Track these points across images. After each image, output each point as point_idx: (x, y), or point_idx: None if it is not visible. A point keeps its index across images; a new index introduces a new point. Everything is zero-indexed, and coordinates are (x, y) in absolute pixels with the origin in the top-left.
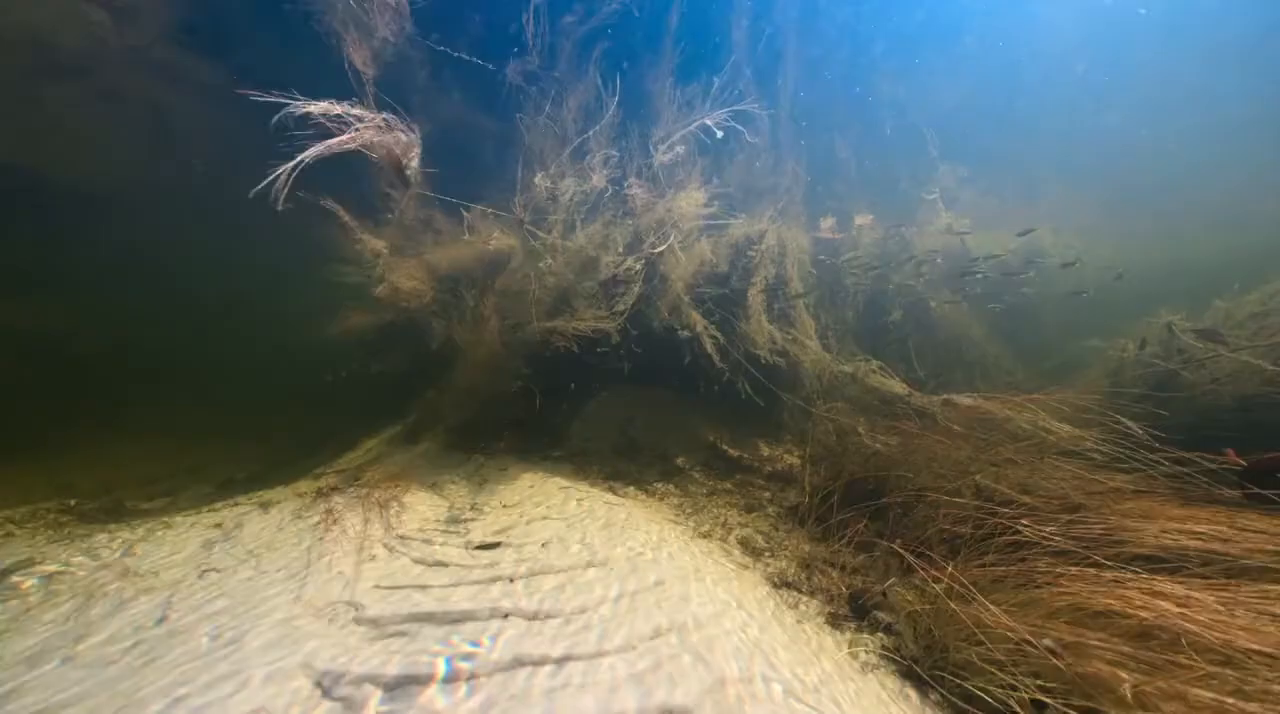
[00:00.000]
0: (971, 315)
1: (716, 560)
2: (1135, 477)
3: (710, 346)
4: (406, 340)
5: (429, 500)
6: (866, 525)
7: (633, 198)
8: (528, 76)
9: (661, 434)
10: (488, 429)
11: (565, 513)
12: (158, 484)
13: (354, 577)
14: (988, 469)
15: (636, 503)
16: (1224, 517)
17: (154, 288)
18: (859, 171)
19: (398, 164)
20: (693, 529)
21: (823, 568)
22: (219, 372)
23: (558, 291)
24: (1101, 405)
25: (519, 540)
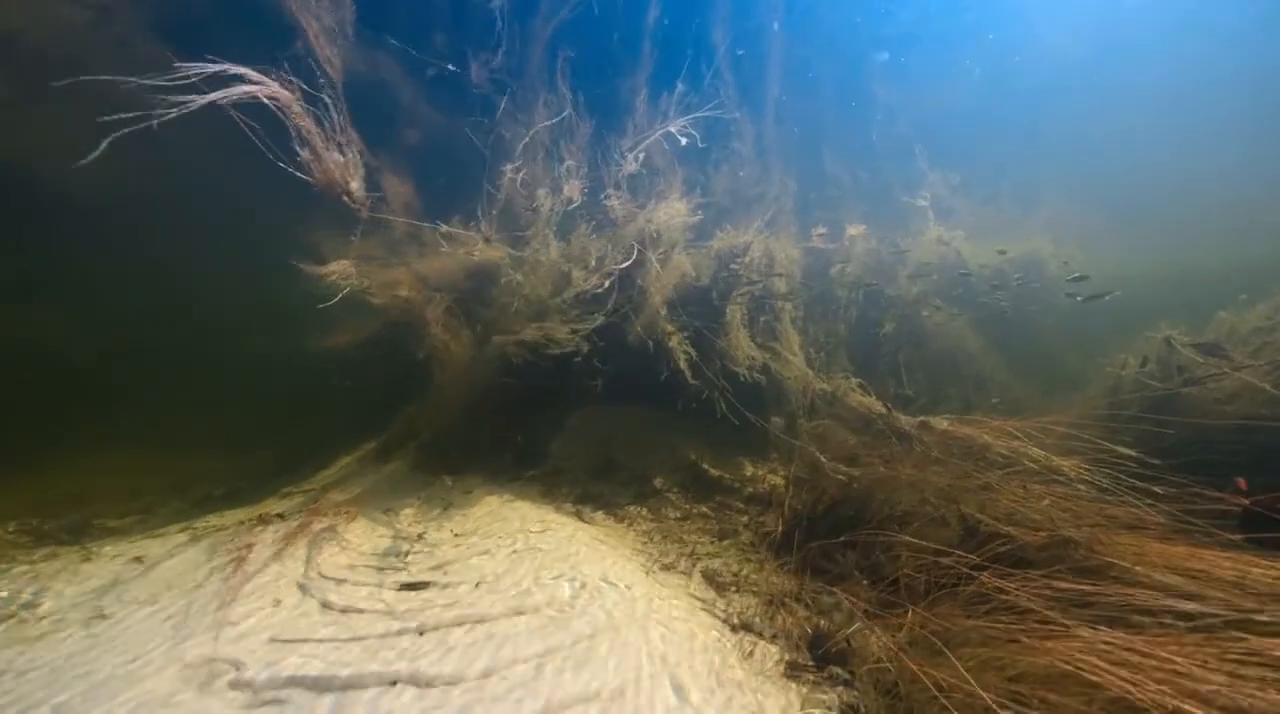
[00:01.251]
0: (967, 328)
1: (671, 601)
2: (1130, 508)
3: (684, 363)
4: (392, 353)
5: (374, 530)
6: (843, 555)
7: (611, 209)
8: (497, 84)
9: (642, 453)
10: (462, 447)
11: (515, 545)
12: (140, 499)
13: (249, 627)
14: (970, 497)
15: (602, 530)
16: (1227, 559)
17: (141, 296)
18: (852, 180)
19: (338, 187)
20: (656, 560)
21: (791, 605)
22: (210, 383)
23: (535, 306)
24: (1095, 428)
25: (453, 578)
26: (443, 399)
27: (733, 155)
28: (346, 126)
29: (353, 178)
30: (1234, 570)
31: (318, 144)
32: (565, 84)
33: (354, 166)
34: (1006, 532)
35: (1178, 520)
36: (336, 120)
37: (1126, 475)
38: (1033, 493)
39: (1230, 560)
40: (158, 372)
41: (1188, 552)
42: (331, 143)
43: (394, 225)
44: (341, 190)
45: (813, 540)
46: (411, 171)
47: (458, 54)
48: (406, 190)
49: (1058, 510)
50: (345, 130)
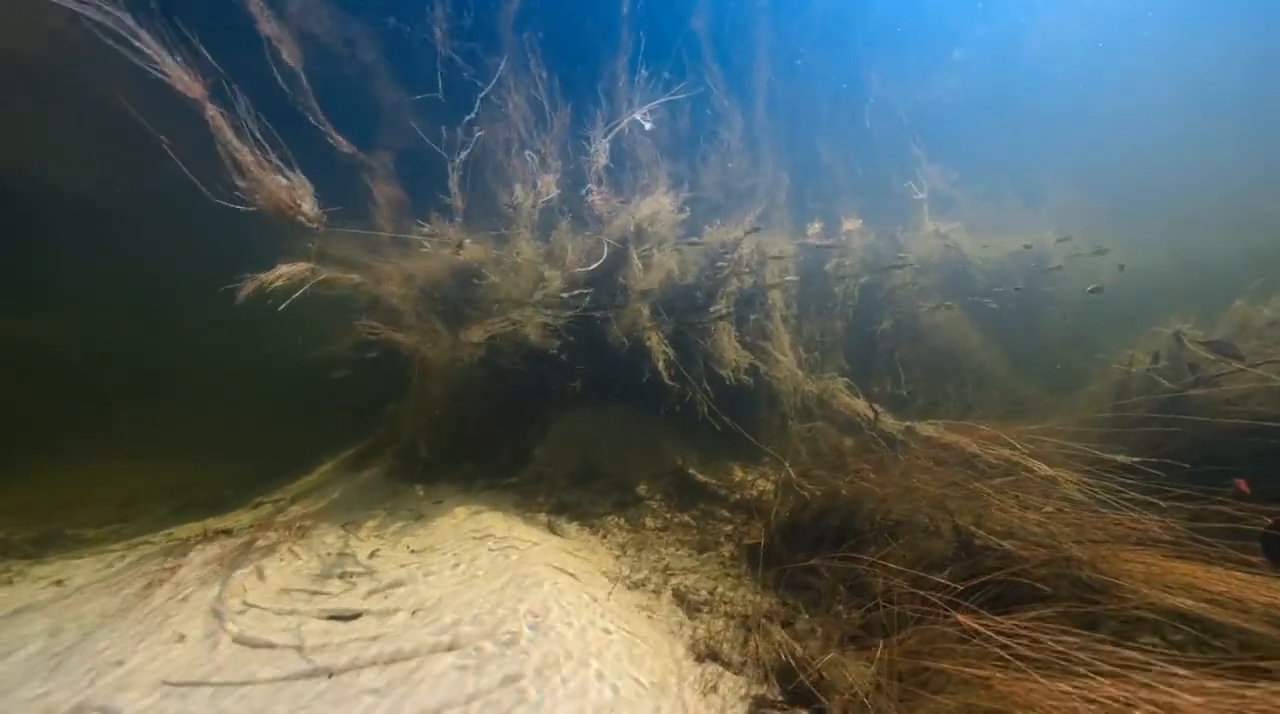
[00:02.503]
0: (967, 325)
1: (628, 630)
2: (1137, 522)
3: (662, 364)
4: (384, 357)
5: (325, 546)
6: (828, 570)
7: (594, 205)
8: (471, 62)
9: (627, 458)
10: (440, 454)
11: (469, 565)
12: (130, 507)
13: (138, 666)
14: (965, 507)
15: (573, 543)
16: (1243, 580)
17: (131, 298)
18: (847, 173)
19: (289, 210)
20: (625, 577)
21: (767, 627)
22: (209, 388)
23: (514, 307)
24: (1100, 432)
25: (392, 604)
26: (421, 404)
27: (721, 146)
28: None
29: (303, 198)
30: (1262, 595)
31: (254, 169)
32: (541, 70)
33: (301, 186)
34: (1003, 548)
35: (1191, 536)
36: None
37: (1132, 485)
38: (1029, 504)
39: (1248, 582)
40: (155, 376)
41: (1203, 572)
42: (270, 165)
43: (378, 225)
44: (293, 213)
45: (797, 553)
46: (400, 170)
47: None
48: (392, 190)
49: (1059, 523)
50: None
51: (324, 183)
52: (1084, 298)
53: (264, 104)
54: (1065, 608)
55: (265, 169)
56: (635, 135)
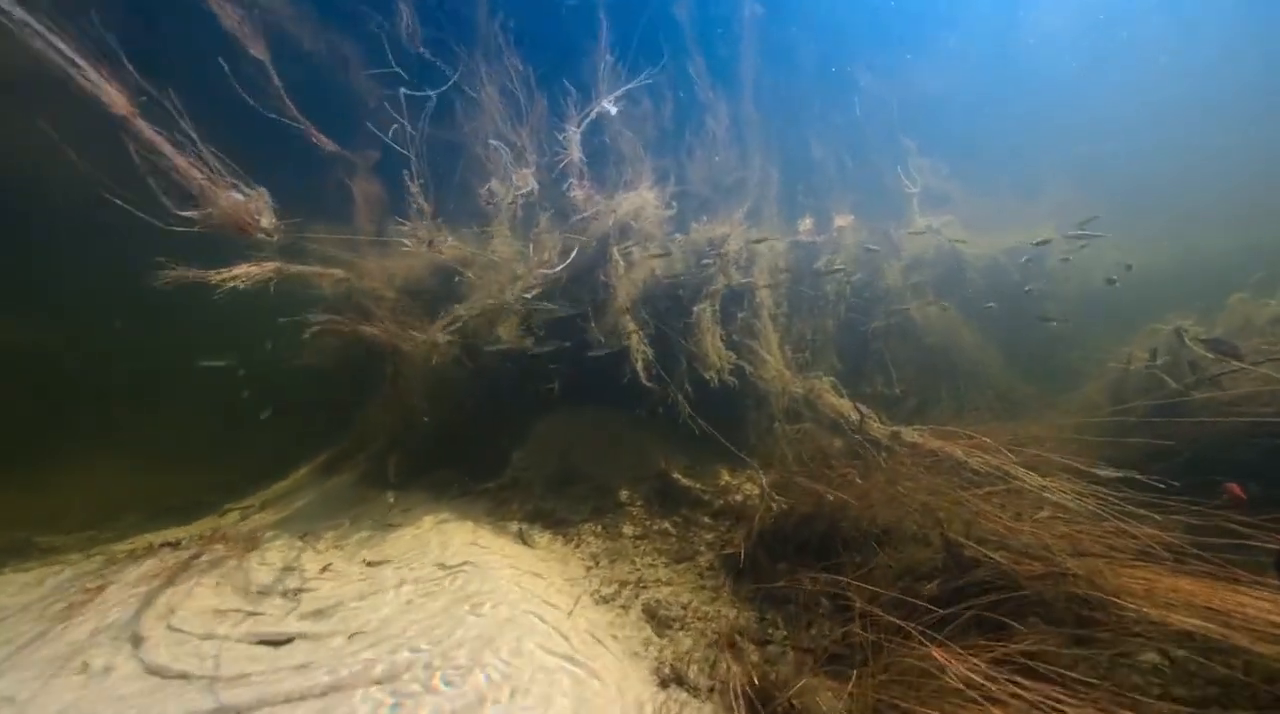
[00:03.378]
0: (962, 322)
1: (584, 657)
2: (1137, 533)
3: (640, 365)
4: (363, 361)
5: (275, 560)
6: (812, 580)
7: (575, 200)
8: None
9: (609, 461)
10: (415, 458)
11: (423, 581)
12: (107, 511)
13: (28, 700)
14: (956, 514)
15: (543, 554)
16: (1249, 598)
17: (120, 303)
18: (839, 168)
19: (250, 228)
20: (594, 592)
21: (740, 646)
22: (190, 391)
23: (492, 307)
24: (1095, 436)
25: (330, 626)
26: (397, 407)
27: (708, 139)
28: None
29: (261, 213)
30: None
31: (205, 189)
32: (515, 60)
33: (259, 199)
34: (994, 560)
35: (1194, 550)
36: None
37: (1128, 494)
38: (1021, 511)
39: (1254, 599)
40: (143, 379)
41: (1207, 588)
42: (225, 183)
43: (357, 224)
44: (253, 229)
45: (779, 562)
46: (383, 167)
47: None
48: (371, 187)
49: (1052, 534)
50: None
51: (302, 181)
52: (1081, 295)
53: (231, 104)
54: (1058, 634)
55: (219, 187)
56: (617, 128)
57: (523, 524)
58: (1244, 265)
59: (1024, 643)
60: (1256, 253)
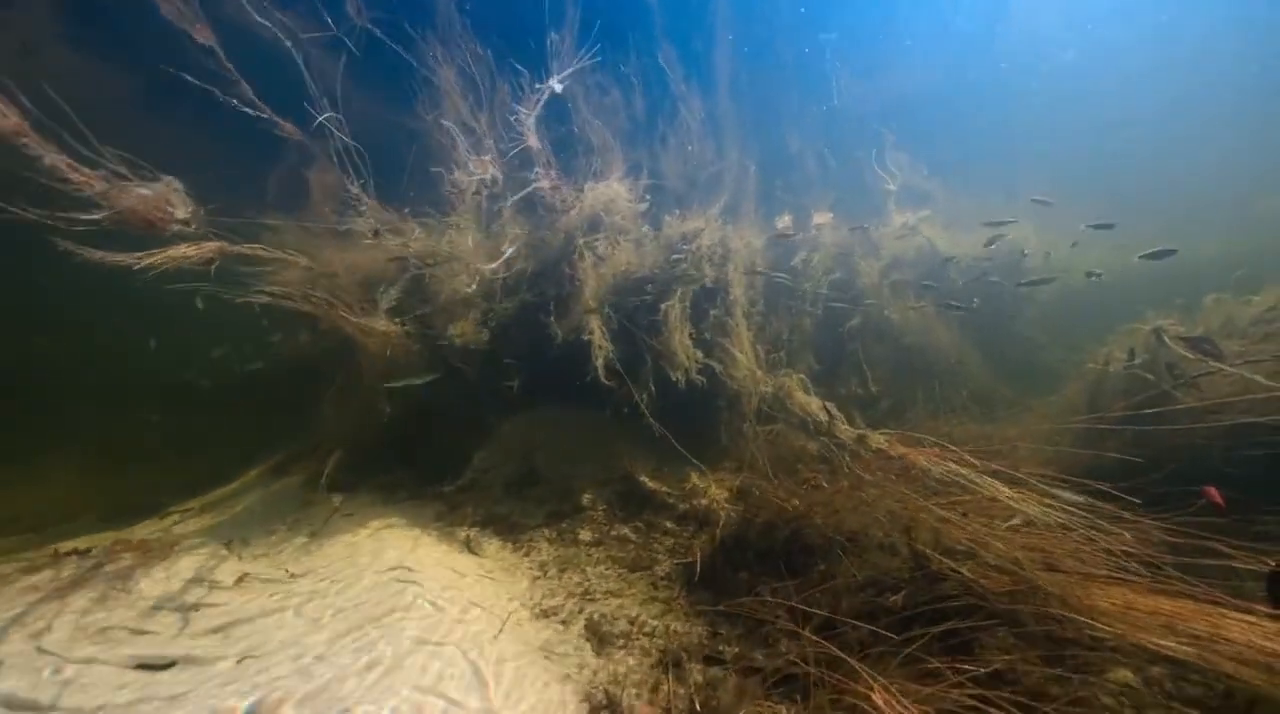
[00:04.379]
0: (940, 322)
1: (499, 692)
2: (1113, 545)
3: (601, 363)
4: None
5: (187, 570)
6: (772, 592)
7: (543, 191)
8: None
9: (574, 463)
10: (368, 460)
11: (340, 595)
12: (52, 515)
13: None
14: (924, 522)
15: (488, 564)
16: (1232, 620)
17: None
18: (818, 164)
19: (157, 224)
20: (536, 605)
21: (686, 666)
22: (153, 391)
23: (456, 301)
24: (1068, 440)
25: (222, 649)
26: (353, 405)
27: (681, 129)
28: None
29: (176, 205)
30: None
31: (103, 190)
32: (475, 45)
33: (169, 191)
34: (961, 575)
35: (1174, 567)
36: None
37: (1099, 506)
38: (993, 517)
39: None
40: (104, 381)
41: (1189, 609)
42: (119, 177)
43: (315, 213)
44: (167, 223)
45: (740, 571)
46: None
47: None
48: (330, 178)
49: (1023, 547)
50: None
51: (256, 169)
52: (1062, 295)
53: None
54: (1026, 652)
55: (122, 190)
56: (585, 116)
57: (473, 530)
58: (1226, 269)
59: (990, 661)
60: (1236, 256)
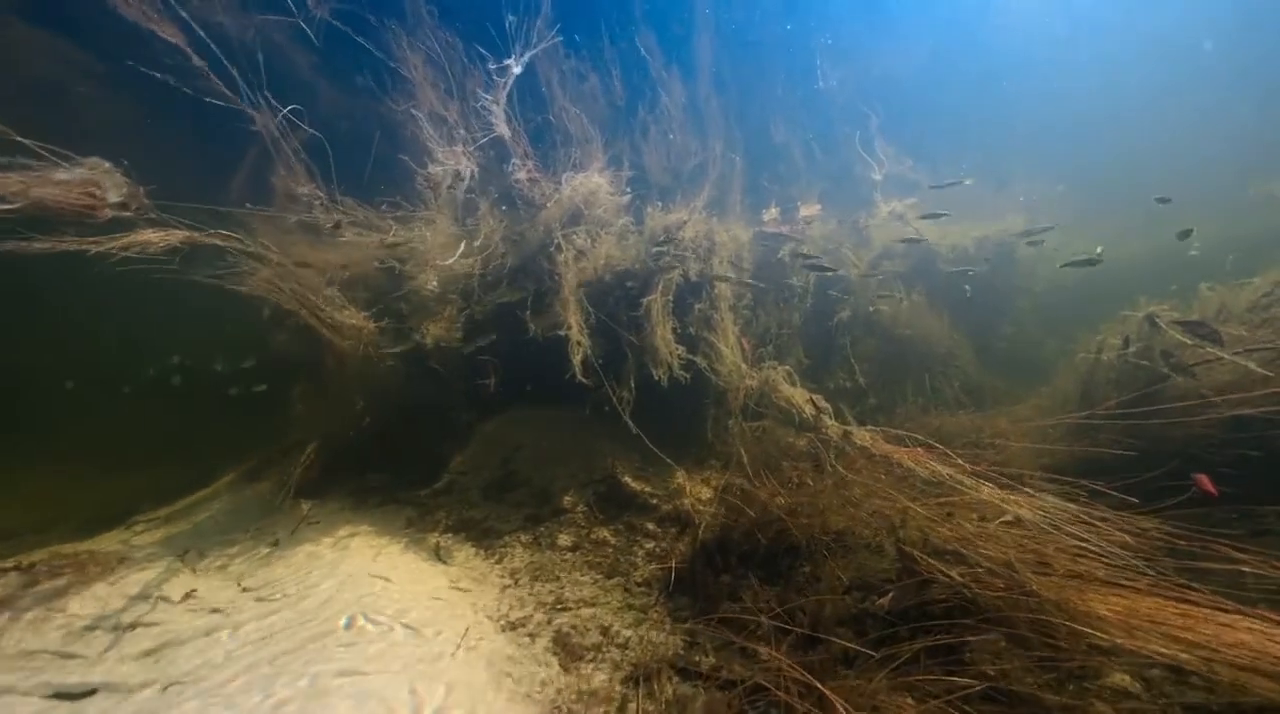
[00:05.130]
0: (930, 314)
1: (469, 705)
2: (1100, 542)
3: (579, 361)
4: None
5: (133, 585)
6: (756, 592)
7: (520, 183)
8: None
9: (555, 464)
10: (342, 464)
11: (291, 611)
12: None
13: None
14: (911, 520)
15: (457, 573)
16: (1237, 627)
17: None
18: (805, 156)
19: (88, 209)
20: (503, 617)
21: (659, 681)
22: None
23: (427, 296)
24: (1061, 433)
25: (150, 675)
26: (329, 406)
27: (663, 118)
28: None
29: (107, 188)
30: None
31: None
32: (444, 33)
33: (100, 173)
34: (950, 578)
35: (1169, 571)
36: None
37: (1091, 502)
38: (980, 517)
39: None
40: (86, 384)
41: (1194, 616)
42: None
43: (282, 209)
44: (100, 207)
45: (721, 575)
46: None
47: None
48: (293, 172)
49: (1017, 548)
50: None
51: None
52: (1053, 285)
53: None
54: (1018, 657)
55: (37, 178)
56: (562, 104)
57: (444, 537)
58: (1220, 259)
59: (982, 669)
60: (1231, 248)
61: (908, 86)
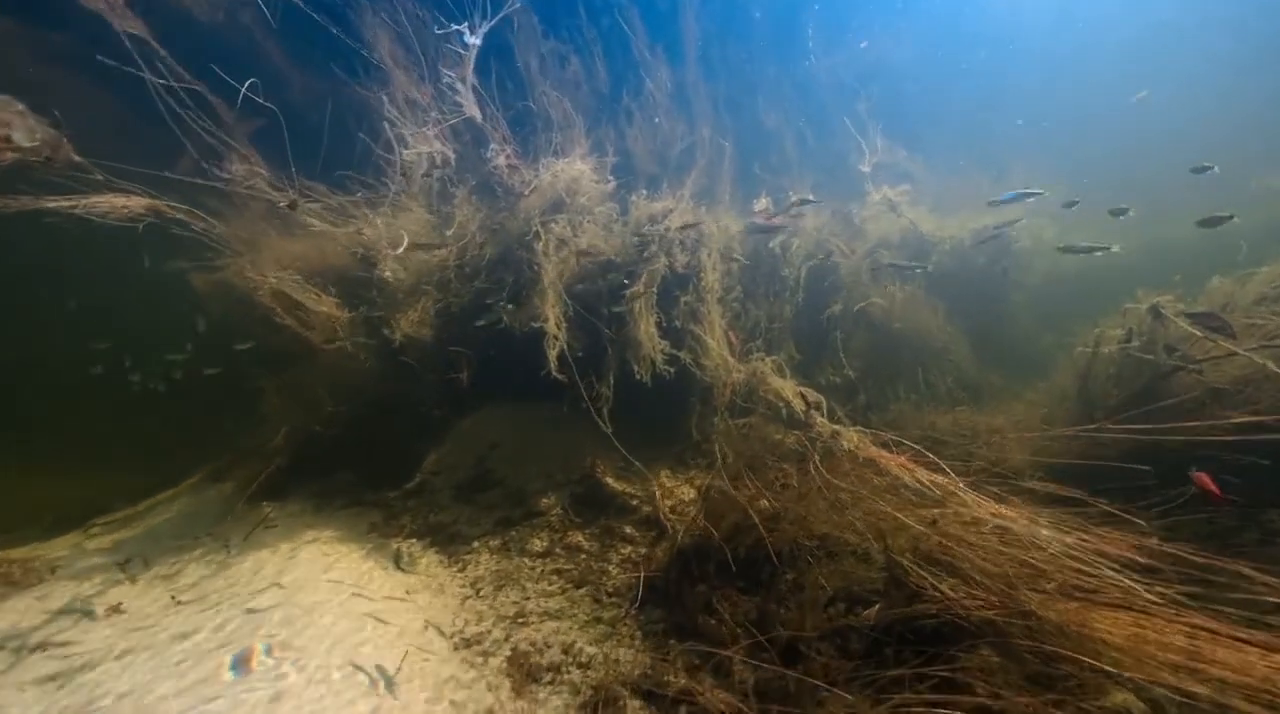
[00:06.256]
0: (925, 308)
1: None
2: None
3: (554, 357)
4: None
5: (61, 597)
6: (735, 603)
7: (499, 170)
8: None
9: (532, 463)
10: (317, 461)
11: (214, 632)
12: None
13: None
14: (898, 525)
15: (414, 583)
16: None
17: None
18: (796, 141)
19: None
20: (457, 634)
21: (623, 704)
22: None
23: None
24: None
25: (43, 705)
26: (296, 403)
27: (648, 103)
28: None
29: (15, 129)
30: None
31: None
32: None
33: (13, 113)
34: (940, 593)
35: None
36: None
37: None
38: (973, 521)
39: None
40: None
41: (1205, 642)
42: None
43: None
44: (3, 149)
45: (699, 584)
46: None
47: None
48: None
49: (1010, 557)
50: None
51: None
52: (1050, 277)
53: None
54: (1011, 677)
55: None
56: (547, 93)
57: (407, 543)
58: (1210, 252)
59: (973, 689)
60: (1224, 243)
61: (902, 74)
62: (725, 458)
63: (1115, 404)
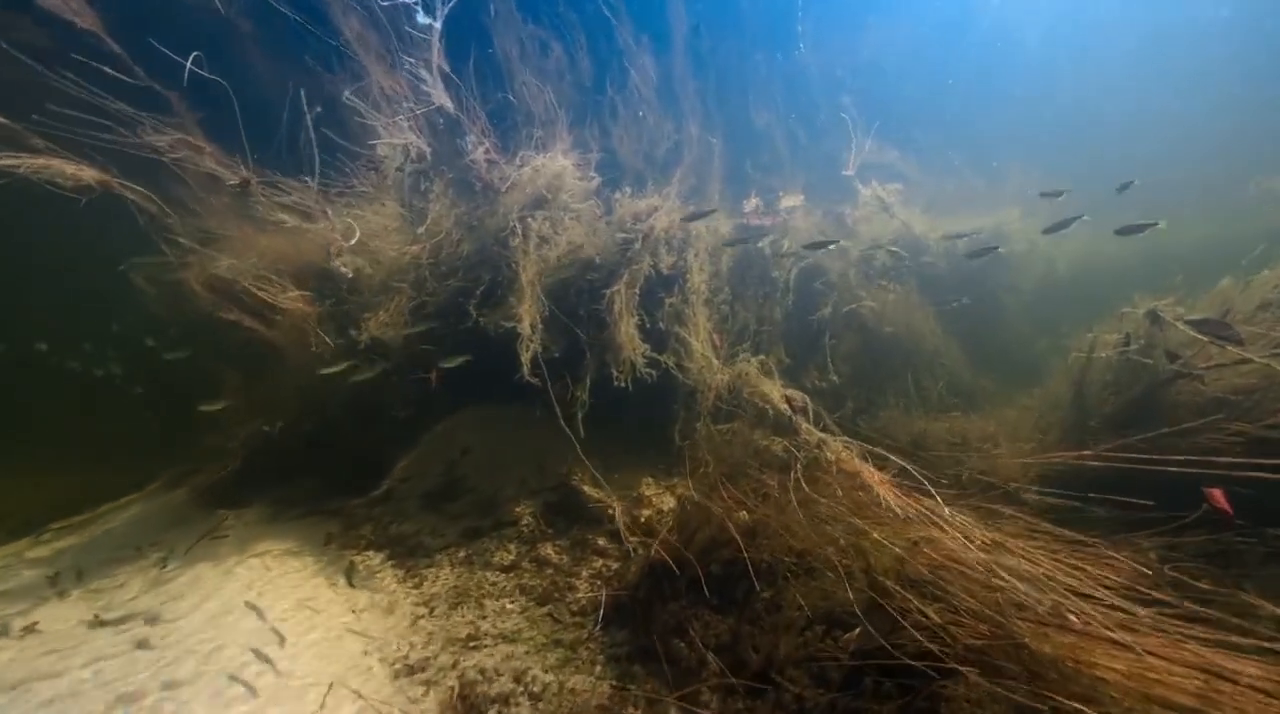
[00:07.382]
0: (918, 311)
1: None
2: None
3: (527, 360)
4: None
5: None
6: (706, 623)
7: (477, 165)
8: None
9: (507, 469)
10: (269, 471)
11: (124, 661)
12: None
13: None
14: (880, 543)
15: (367, 600)
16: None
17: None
18: (788, 143)
19: None
20: (399, 660)
21: None
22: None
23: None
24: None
25: None
26: (260, 404)
27: (632, 97)
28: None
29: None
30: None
31: None
32: None
33: None
34: (926, 617)
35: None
36: None
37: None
38: (964, 537)
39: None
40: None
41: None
42: None
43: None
44: None
45: (671, 602)
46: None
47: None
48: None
49: (1003, 598)
50: None
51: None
52: (1045, 282)
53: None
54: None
55: None
56: (527, 84)
57: (363, 556)
58: (1206, 258)
59: None
60: (1221, 249)
61: (894, 73)
62: (704, 466)
63: (1111, 411)
